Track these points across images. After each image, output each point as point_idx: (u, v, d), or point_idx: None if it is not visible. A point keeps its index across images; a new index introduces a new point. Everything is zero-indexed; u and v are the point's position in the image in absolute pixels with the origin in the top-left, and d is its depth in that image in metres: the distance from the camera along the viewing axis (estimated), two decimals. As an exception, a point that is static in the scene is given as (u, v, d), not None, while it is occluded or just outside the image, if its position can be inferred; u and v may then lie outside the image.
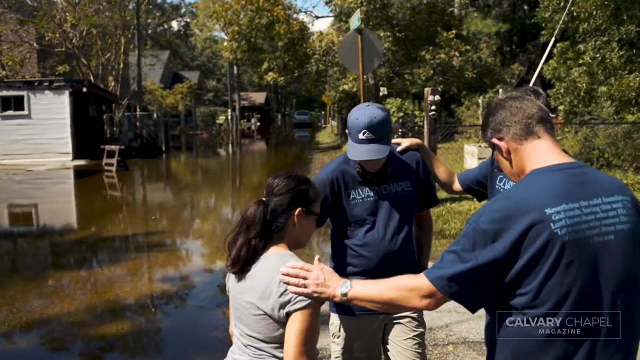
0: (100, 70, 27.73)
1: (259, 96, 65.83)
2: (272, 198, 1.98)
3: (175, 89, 42.39)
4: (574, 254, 1.55)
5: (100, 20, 26.25)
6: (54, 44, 26.13)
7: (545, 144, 1.72)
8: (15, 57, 24.16)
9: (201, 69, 63.84)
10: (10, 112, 21.75)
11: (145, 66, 33.34)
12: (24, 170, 19.80)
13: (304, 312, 1.80)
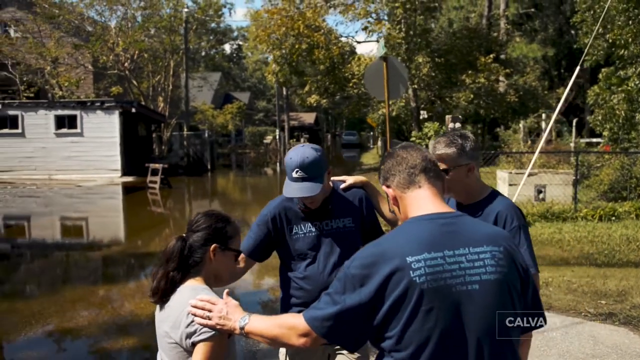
0: (151, 92, 28.89)
1: (308, 116, 66.56)
2: (190, 234, 2.10)
3: (226, 109, 43.57)
4: (434, 302, 1.59)
5: (150, 44, 27.43)
6: (108, 66, 27.48)
7: (425, 193, 1.78)
8: (72, 78, 25.52)
9: (252, 90, 65.32)
10: (64, 130, 22.96)
11: (193, 88, 34.49)
12: (75, 185, 20.84)
13: (207, 344, 1.90)
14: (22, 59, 26.08)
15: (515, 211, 2.47)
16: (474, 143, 2.59)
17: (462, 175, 2.52)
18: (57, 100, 24.28)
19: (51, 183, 21.50)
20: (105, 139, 22.71)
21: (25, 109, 23.15)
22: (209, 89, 38.92)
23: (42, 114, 22.96)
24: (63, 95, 25.79)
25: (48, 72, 26.06)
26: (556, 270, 7.40)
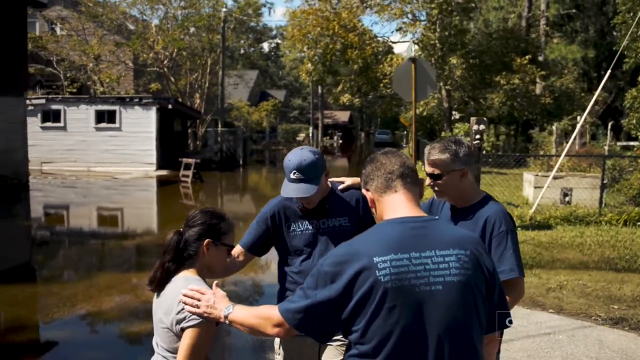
0: (188, 89, 29.53)
1: (343, 115, 66.73)
2: (187, 229, 2.28)
3: (261, 107, 44.06)
4: (397, 300, 1.69)
5: (189, 43, 28.03)
6: (147, 64, 28.21)
7: (400, 198, 1.89)
8: (112, 75, 26.32)
9: (288, 87, 65.84)
10: (103, 124, 23.74)
11: (229, 85, 35.04)
12: (111, 177, 21.55)
13: (194, 330, 2.06)
14: (67, 55, 27.04)
15: (504, 216, 2.58)
16: (468, 149, 2.69)
17: (456, 180, 2.64)
18: (97, 96, 25.12)
19: (90, 175, 22.28)
20: (142, 134, 23.37)
21: (68, 103, 24.03)
22: (244, 86, 39.47)
23: (83, 109, 23.79)
24: (104, 91, 26.64)
25: (90, 69, 26.95)
26: (573, 273, 7.39)
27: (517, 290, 2.57)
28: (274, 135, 51.75)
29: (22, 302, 6.89)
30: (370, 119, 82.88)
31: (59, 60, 27.17)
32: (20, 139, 18.43)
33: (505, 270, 2.50)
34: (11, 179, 17.68)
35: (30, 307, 6.65)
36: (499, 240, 2.54)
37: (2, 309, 6.58)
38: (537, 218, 10.20)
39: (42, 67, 26.94)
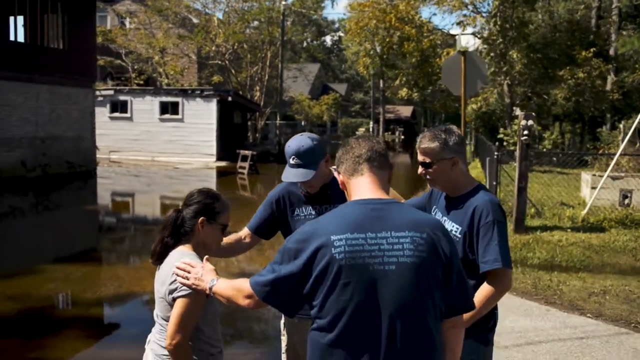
0: (248, 81, 30.09)
1: (405, 110, 65.98)
2: (185, 208, 2.46)
3: (322, 100, 44.26)
4: (351, 277, 1.77)
5: (248, 36, 28.53)
6: (210, 56, 28.96)
7: (365, 181, 1.98)
8: (177, 67, 27.21)
9: (350, 81, 65.75)
10: (167, 115, 24.62)
11: (288, 78, 35.40)
12: (173, 167, 22.35)
13: (184, 300, 2.22)
14: (134, 48, 28.18)
15: (492, 207, 2.56)
16: (459, 138, 2.70)
17: (446, 169, 2.65)
18: (162, 88, 26.04)
19: (153, 164, 23.19)
20: (203, 125, 24.07)
21: (134, 95, 25.07)
22: (303, 79, 39.74)
23: (148, 100, 24.76)
24: (169, 83, 27.59)
25: (156, 61, 27.96)
26: (621, 279, 7.08)
27: (502, 281, 2.55)
28: (335, 129, 51.88)
29: (89, 281, 7.30)
30: (434, 115, 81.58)
31: (127, 53, 28.35)
32: (89, 128, 19.46)
33: (489, 261, 2.50)
34: (79, 165, 18.71)
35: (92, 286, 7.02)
36: (485, 231, 2.53)
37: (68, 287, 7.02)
38: (590, 220, 9.80)
39: (111, 60, 28.20)
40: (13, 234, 10.68)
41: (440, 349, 1.92)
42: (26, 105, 16.65)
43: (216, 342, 2.45)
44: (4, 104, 15.92)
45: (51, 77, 17.41)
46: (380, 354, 1.80)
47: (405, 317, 1.81)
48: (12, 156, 16.18)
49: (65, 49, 18.41)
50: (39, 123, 17.15)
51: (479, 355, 2.67)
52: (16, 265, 8.06)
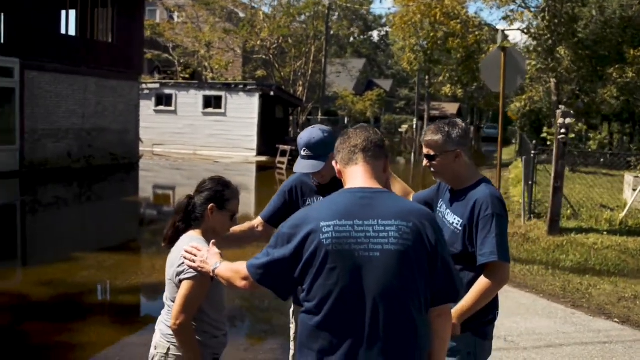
0: (292, 76, 30.26)
1: (451, 107, 64.94)
2: (196, 194, 2.55)
3: (366, 96, 44.13)
4: (337, 262, 1.84)
5: (293, 30, 28.67)
6: (255, 51, 29.27)
7: (359, 170, 2.03)
8: (221, 61, 27.62)
9: (395, 77, 65.20)
10: (210, 109, 25.03)
11: (332, 73, 35.41)
12: (214, 161, 22.72)
13: (189, 282, 2.33)
14: (181, 42, 28.76)
15: (492, 200, 2.56)
16: (462, 131, 2.70)
17: (450, 161, 2.67)
18: (206, 82, 26.49)
19: (195, 158, 23.64)
20: (245, 120, 24.36)
21: (179, 88, 25.60)
22: (347, 75, 39.65)
23: (192, 94, 25.24)
24: (213, 77, 28.04)
25: (202, 55, 28.46)
26: (656, 284, 6.82)
27: (499, 274, 2.54)
28: (378, 125, 51.61)
29: (121, 269, 7.55)
30: (481, 112, 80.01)
31: (175, 47, 28.95)
32: (133, 121, 20.02)
33: (485, 253, 2.50)
34: (123, 158, 19.27)
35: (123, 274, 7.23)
36: (484, 224, 2.53)
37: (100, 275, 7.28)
38: (629, 223, 9.45)
39: (159, 53, 28.89)
40: (54, 223, 11.12)
41: (425, 335, 1.95)
42: (74, 97, 17.26)
43: (221, 325, 2.54)
44: (53, 96, 16.55)
45: (99, 69, 17.99)
46: (363, 337, 1.85)
47: (388, 303, 1.85)
48: (59, 147, 16.82)
49: (113, 42, 18.98)
50: (85, 115, 17.75)
51: (476, 348, 2.67)
52: (54, 252, 8.40)
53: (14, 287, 6.83)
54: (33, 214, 11.86)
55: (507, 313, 5.79)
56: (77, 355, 4.81)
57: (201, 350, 2.41)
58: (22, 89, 15.53)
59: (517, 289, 6.75)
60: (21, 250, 9.01)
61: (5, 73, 15.22)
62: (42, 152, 16.28)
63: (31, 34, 15.55)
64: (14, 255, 8.58)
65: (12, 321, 5.67)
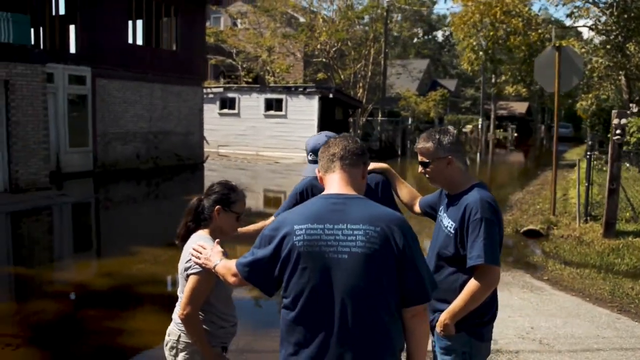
0: (352, 78, 30.41)
1: (520, 106, 63.00)
2: (205, 197, 2.78)
3: (429, 97, 43.59)
4: (308, 262, 2.00)
5: (351, 33, 28.78)
6: (315, 54, 29.64)
7: (335, 177, 2.18)
8: (282, 65, 28.15)
9: (461, 77, 63.97)
10: (271, 112, 25.61)
11: (392, 75, 35.24)
12: (274, 162, 23.23)
13: (195, 277, 2.55)
14: (243, 48, 29.55)
15: (481, 204, 2.64)
16: (453, 138, 2.81)
17: (443, 168, 2.79)
18: (267, 86, 27.12)
19: (257, 159, 24.25)
20: (304, 121, 24.74)
21: (242, 92, 26.34)
22: (407, 76, 39.32)
23: (254, 97, 25.91)
24: (275, 80, 28.63)
25: (263, 60, 29.12)
26: None
27: (487, 277, 2.61)
28: (441, 125, 50.81)
29: (174, 264, 7.87)
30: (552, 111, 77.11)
31: (238, 52, 29.79)
32: (197, 124, 20.82)
33: (473, 257, 2.59)
34: (188, 159, 20.10)
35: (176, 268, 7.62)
36: (473, 227, 2.62)
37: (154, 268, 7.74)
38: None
39: (223, 59, 29.80)
40: (121, 219, 11.80)
41: (395, 334, 2.07)
42: (141, 102, 18.18)
43: (229, 317, 2.74)
44: (122, 101, 17.51)
45: (164, 76, 18.85)
46: (333, 333, 1.99)
47: (356, 302, 1.99)
48: (127, 149, 17.77)
49: (177, 50, 19.83)
50: (152, 119, 18.65)
51: (472, 348, 2.74)
52: (117, 246, 8.98)
53: (78, 277, 7.40)
54: (104, 211, 12.64)
55: (546, 316, 5.73)
56: (124, 340, 5.18)
57: (209, 338, 2.62)
58: (93, 96, 16.53)
59: (562, 292, 6.63)
60: (90, 244, 9.67)
61: (79, 81, 16.26)
62: (113, 154, 17.26)
63: (101, 44, 16.53)
64: (83, 249, 9.26)
65: (73, 308, 6.18)
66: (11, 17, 11.73)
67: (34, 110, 12.29)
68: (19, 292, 6.85)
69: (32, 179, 12.17)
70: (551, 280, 7.08)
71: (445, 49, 70.71)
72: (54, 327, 5.48)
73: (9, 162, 11.79)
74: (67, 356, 4.89)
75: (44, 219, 10.82)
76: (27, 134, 12.12)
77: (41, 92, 12.51)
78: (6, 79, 11.74)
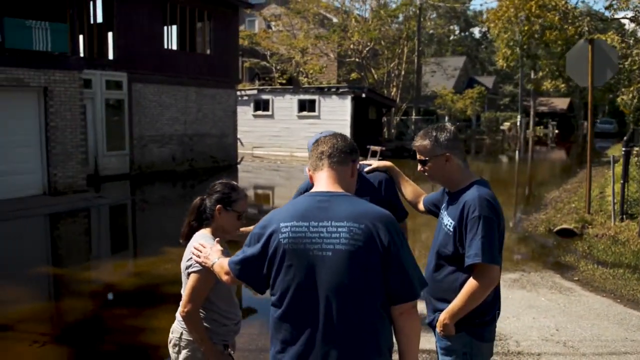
0: (385, 77, 30.25)
1: (561, 102, 61.39)
2: (208, 196, 2.82)
3: (466, 94, 42.97)
4: (293, 260, 2.00)
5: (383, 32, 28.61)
6: (348, 54, 29.62)
7: (323, 175, 2.17)
8: (316, 66, 28.22)
9: (499, 73, 62.78)
10: (304, 112, 25.69)
11: (426, 73, 34.87)
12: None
13: (195, 275, 2.60)
14: (277, 50, 29.77)
15: (480, 202, 2.59)
16: (451, 134, 2.77)
17: (441, 165, 2.76)
18: (300, 87, 27.24)
19: (291, 159, 24.38)
20: (337, 122, 24.71)
21: (275, 94, 26.53)
22: (442, 73, 38.83)
23: (287, 99, 26.05)
24: (308, 81, 28.72)
25: (296, 61, 29.27)
26: None
27: (485, 276, 2.56)
28: (478, 123, 49.99)
29: None
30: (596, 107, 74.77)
31: (272, 54, 30.03)
32: (231, 126, 21.09)
33: (470, 255, 2.55)
34: (222, 160, 20.38)
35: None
36: (471, 225, 2.57)
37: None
38: None
39: (257, 61, 30.09)
40: (155, 220, 12.06)
41: (383, 331, 2.05)
42: (176, 105, 18.53)
43: (231, 315, 2.77)
44: (157, 105, 17.89)
45: (198, 79, 19.16)
46: (318, 330, 1.99)
47: (340, 299, 1.98)
48: (164, 152, 18.14)
49: (211, 53, 20.13)
50: (187, 122, 18.99)
51: (472, 349, 2.70)
52: (148, 246, 9.19)
53: (108, 277, 7.60)
54: (140, 212, 12.94)
55: (573, 317, 5.59)
56: (145, 338, 5.31)
57: (210, 336, 2.66)
58: (130, 100, 16.94)
59: (592, 293, 6.45)
60: (122, 245, 9.92)
61: (116, 86, 16.69)
62: (149, 156, 17.65)
63: (137, 50, 16.93)
64: (115, 249, 9.51)
65: (99, 307, 6.35)
66: (49, 26, 12.12)
67: (71, 115, 12.68)
68: (51, 291, 7.10)
69: (69, 182, 12.56)
70: (582, 281, 6.90)
71: (483, 46, 69.52)
72: (80, 325, 5.66)
73: (47, 166, 12.20)
74: (90, 354, 5.03)
75: (79, 221, 11.15)
76: (65, 138, 12.52)
77: (78, 98, 12.89)
78: (45, 85, 12.15)
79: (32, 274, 7.37)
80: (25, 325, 5.45)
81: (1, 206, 10.60)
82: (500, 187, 18.25)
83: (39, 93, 12.16)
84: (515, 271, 7.33)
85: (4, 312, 5.79)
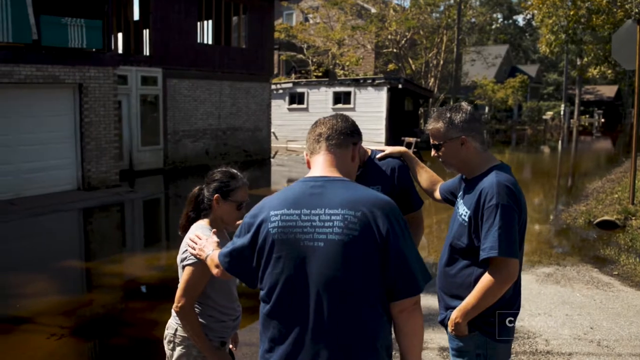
0: (423, 68, 29.68)
1: (608, 90, 59.20)
2: (206, 186, 2.67)
3: (507, 84, 41.86)
4: (282, 251, 1.83)
5: (422, 21, 28.04)
6: (385, 45, 29.18)
7: (319, 159, 1.99)
8: (352, 57, 27.92)
9: (543, 61, 60.95)
10: (340, 105, 25.44)
11: (466, 62, 34.07)
12: (344, 156, 23.09)
13: (190, 268, 2.47)
14: (313, 42, 29.60)
15: (498, 189, 2.35)
16: (467, 115, 2.51)
17: (456, 149, 2.51)
18: (335, 79, 27.02)
19: (326, 152, 24.21)
20: (373, 114, 24.41)
21: (310, 86, 26.38)
22: (482, 62, 37.84)
23: (322, 91, 25.86)
24: (345, 74, 28.46)
25: (333, 53, 29.03)
26: None
27: (502, 271, 2.32)
28: (520, 113, 48.67)
29: None
30: (646, 94, 71.69)
31: (308, 47, 29.89)
32: (265, 119, 21.06)
33: (486, 248, 2.31)
34: (256, 154, 20.39)
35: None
36: (488, 215, 2.33)
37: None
38: None
39: (293, 54, 29.99)
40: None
41: (377, 330, 1.85)
42: (210, 100, 18.61)
43: (230, 310, 2.63)
44: (192, 100, 18.00)
45: (232, 73, 19.19)
46: (308, 328, 1.81)
47: (332, 294, 1.79)
48: (197, 146, 18.26)
49: (245, 47, 20.12)
50: (221, 116, 19.05)
51: (487, 349, 2.47)
52: (173, 240, 9.19)
53: (131, 270, 7.65)
54: (173, 206, 13.04)
55: (610, 315, 5.25)
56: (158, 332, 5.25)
57: (206, 332, 2.52)
58: (164, 95, 17.09)
59: (632, 288, 6.08)
60: (149, 239, 9.98)
61: (151, 81, 16.87)
62: (183, 151, 17.79)
63: (172, 46, 17.05)
64: (143, 243, 9.57)
65: (118, 299, 6.37)
66: (84, 22, 12.28)
67: (105, 111, 12.84)
68: (75, 284, 7.15)
69: (103, 177, 12.74)
70: (621, 276, 6.51)
71: (527, 33, 67.57)
72: (98, 318, 5.66)
73: (82, 161, 12.39)
74: (106, 347, 5.02)
75: (110, 215, 11.26)
76: (99, 134, 12.69)
77: (112, 94, 13.05)
78: (80, 82, 12.32)
79: (60, 267, 7.45)
80: (46, 318, 5.48)
81: (36, 201, 10.82)
82: (541, 178, 17.66)
83: (74, 89, 12.35)
84: (550, 265, 6.97)
85: (27, 305, 5.85)
